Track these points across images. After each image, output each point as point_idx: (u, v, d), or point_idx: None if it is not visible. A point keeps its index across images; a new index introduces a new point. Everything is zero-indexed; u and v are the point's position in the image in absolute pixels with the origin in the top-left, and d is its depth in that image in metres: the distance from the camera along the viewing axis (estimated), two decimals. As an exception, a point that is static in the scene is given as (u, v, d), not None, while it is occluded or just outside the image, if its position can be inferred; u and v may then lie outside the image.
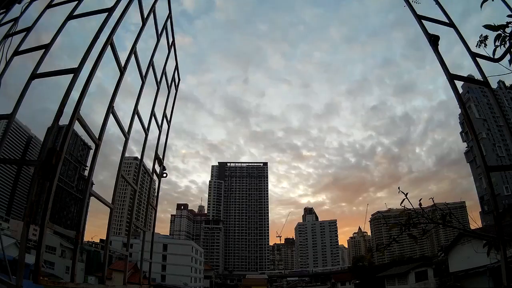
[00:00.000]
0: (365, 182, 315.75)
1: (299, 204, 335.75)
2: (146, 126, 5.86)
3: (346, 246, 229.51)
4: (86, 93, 3.52)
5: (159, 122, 6.76)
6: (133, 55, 4.83)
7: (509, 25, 3.34)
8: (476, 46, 3.68)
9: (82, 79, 3.59)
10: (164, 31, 6.73)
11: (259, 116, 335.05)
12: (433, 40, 3.89)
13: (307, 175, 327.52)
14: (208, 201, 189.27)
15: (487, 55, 3.73)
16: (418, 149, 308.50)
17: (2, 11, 4.79)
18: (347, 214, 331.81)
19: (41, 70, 4.05)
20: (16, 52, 4.34)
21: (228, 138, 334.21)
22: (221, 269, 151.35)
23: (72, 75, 3.52)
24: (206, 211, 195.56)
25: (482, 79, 3.90)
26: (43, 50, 4.12)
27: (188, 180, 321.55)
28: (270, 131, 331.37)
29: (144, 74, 5.52)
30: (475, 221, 5.98)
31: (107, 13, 4.22)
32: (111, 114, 4.19)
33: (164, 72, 6.98)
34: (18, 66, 4.59)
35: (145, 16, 5.42)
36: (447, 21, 4.34)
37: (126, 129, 4.85)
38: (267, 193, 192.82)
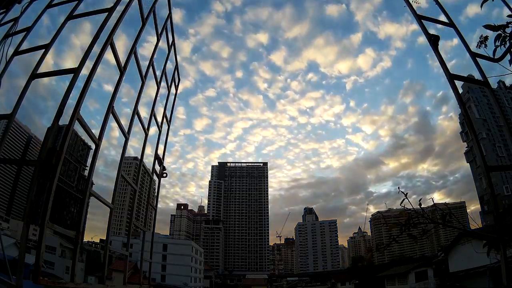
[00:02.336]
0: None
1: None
2: (146, 126, 5.86)
3: (346, 246, 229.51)
4: (86, 93, 3.52)
5: (159, 122, 6.77)
6: (133, 55, 4.82)
7: (509, 25, 3.33)
8: (476, 46, 3.68)
9: (82, 79, 3.60)
10: (164, 31, 6.73)
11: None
12: (433, 40, 3.89)
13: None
14: (208, 201, 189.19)
15: (487, 55, 3.72)
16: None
17: (2, 11, 4.78)
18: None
19: (41, 70, 4.05)
20: (16, 52, 4.33)
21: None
22: (221, 269, 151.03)
23: (72, 75, 3.52)
24: (206, 211, 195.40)
25: (482, 79, 3.90)
26: (43, 50, 4.12)
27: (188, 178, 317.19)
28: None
29: (144, 74, 5.52)
30: (475, 221, 5.99)
31: (107, 13, 4.22)
32: (111, 114, 4.19)
33: (164, 72, 6.98)
34: (18, 66, 4.59)
35: (145, 16, 5.42)
36: (447, 21, 4.34)
37: (126, 129, 4.85)
38: (267, 193, 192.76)
